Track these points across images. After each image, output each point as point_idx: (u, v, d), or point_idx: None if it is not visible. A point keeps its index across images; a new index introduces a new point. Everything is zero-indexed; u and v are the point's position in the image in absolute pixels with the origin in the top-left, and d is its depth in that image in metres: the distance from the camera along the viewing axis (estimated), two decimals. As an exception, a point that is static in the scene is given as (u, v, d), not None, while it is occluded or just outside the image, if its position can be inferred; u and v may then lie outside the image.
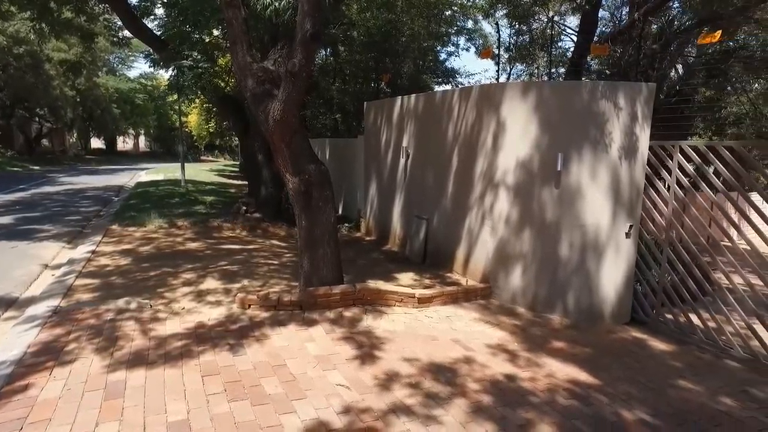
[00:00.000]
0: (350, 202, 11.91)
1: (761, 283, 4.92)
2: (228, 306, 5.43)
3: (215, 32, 11.61)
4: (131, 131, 51.77)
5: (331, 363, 4.19)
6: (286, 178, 5.63)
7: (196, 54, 10.73)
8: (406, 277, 6.85)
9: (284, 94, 5.12)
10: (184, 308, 5.32)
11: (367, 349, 4.43)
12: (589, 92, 5.67)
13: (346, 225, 10.90)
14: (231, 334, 4.66)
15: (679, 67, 13.38)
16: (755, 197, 5.35)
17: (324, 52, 17.45)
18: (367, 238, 9.95)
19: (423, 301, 5.62)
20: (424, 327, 5.10)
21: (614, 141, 5.62)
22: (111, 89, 40.17)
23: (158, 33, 11.46)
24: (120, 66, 48.21)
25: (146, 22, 11.74)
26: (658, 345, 5.31)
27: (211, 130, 29.54)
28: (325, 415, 3.38)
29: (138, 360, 4.05)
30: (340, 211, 12.41)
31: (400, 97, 8.82)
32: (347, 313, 5.25)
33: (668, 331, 5.60)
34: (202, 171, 27.94)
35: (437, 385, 3.84)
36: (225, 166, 39.00)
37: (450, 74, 18.27)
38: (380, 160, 9.51)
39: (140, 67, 76.19)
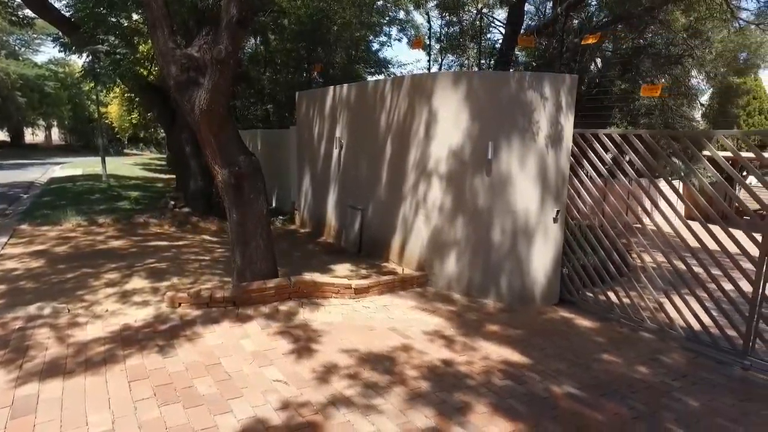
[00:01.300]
0: (284, 195, 11.66)
1: (666, 262, 5.33)
2: (156, 306, 5.14)
3: (135, 16, 10.86)
4: (41, 122, 47.47)
5: (267, 359, 4.08)
6: (215, 170, 5.39)
7: (113, 39, 9.98)
8: (343, 269, 6.81)
9: (210, 83, 4.88)
10: (107, 310, 4.99)
11: (304, 343, 4.36)
12: (517, 82, 5.85)
13: (281, 218, 10.67)
14: (160, 335, 4.42)
15: (598, 61, 14.17)
16: (664, 184, 5.77)
17: (254, 40, 16.89)
18: (302, 231, 9.80)
19: (360, 292, 5.61)
20: (361, 317, 5.09)
21: (541, 129, 5.85)
22: (14, 75, 36.51)
23: (67, 13, 10.53)
24: (24, 50, 43.93)
25: (52, 1, 10.76)
26: (584, 323, 5.62)
27: (134, 121, 27.77)
28: (263, 412, 3.29)
29: (53, 370, 3.73)
30: (273, 204, 12.14)
31: (332, 87, 8.71)
32: (283, 307, 5.14)
33: (592, 310, 5.95)
34: (126, 165, 26.30)
35: (376, 375, 3.84)
36: (151, 159, 36.91)
37: (383, 64, 18.27)
38: (313, 151, 9.37)
39: (49, 51, 70.10)
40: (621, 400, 3.84)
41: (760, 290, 4.62)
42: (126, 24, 10.59)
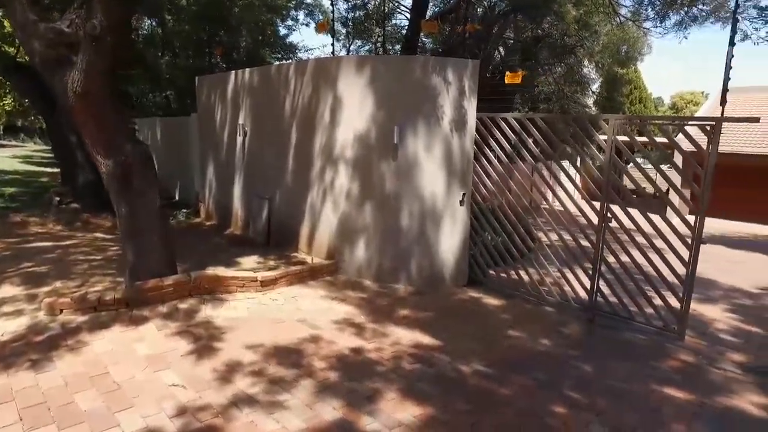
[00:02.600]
0: (187, 186, 10.96)
1: (569, 238, 5.65)
2: (32, 315, 4.57)
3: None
4: None
5: (164, 362, 3.76)
6: (98, 160, 4.86)
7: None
8: (250, 261, 6.51)
9: (85, 62, 4.35)
10: (-32, 324, 4.34)
11: (206, 342, 4.08)
12: (421, 67, 5.85)
13: (184, 211, 10.02)
14: (35, 348, 3.92)
15: (502, 49, 14.74)
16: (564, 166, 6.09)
17: (149, 21, 15.66)
18: (208, 223, 9.27)
19: (267, 284, 5.37)
20: (268, 310, 4.88)
21: (446, 114, 5.90)
22: None
23: None
24: None
25: None
26: (492, 301, 5.81)
27: (8, 108, 24.74)
28: (156, 421, 3.01)
29: None
30: (177, 196, 11.39)
31: (234, 71, 8.25)
32: (183, 305, 4.78)
33: (500, 288, 6.16)
34: (2, 158, 23.44)
35: (282, 370, 3.67)
36: (34, 151, 33.22)
37: (289, 49, 17.73)
38: (217, 139, 8.85)
39: None
40: (526, 372, 3.99)
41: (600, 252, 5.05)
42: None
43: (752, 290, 7.10)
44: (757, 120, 4.75)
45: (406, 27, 12.42)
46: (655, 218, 5.01)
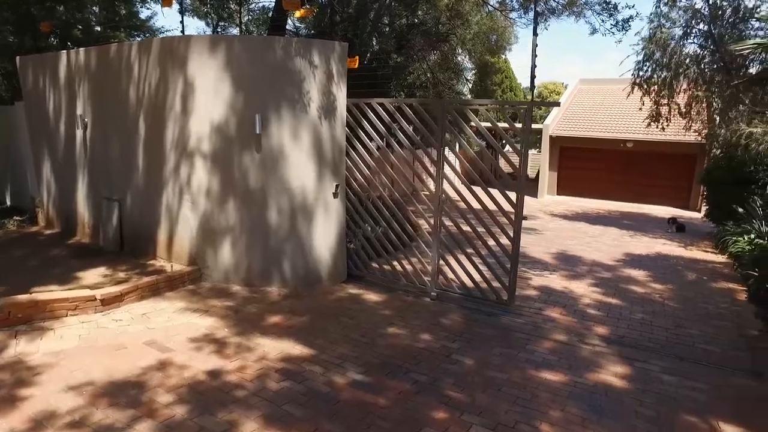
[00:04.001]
0: (21, 189, 9.26)
1: (451, 224, 5.54)
2: None
3: None
4: None
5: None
6: None
7: None
8: (94, 275, 5.52)
9: None
10: None
11: (8, 391, 3.20)
12: (283, 49, 5.32)
13: (16, 218, 8.43)
14: None
15: (376, 36, 14.56)
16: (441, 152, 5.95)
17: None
18: (48, 232, 7.88)
19: (109, 302, 4.53)
20: (108, 335, 4.08)
21: (313, 100, 5.44)
22: None
23: None
24: None
25: None
26: (372, 297, 5.52)
27: None
28: None
29: None
30: (8, 202, 9.63)
31: (66, 51, 7.02)
32: (-15, 343, 3.82)
33: (380, 282, 5.90)
34: None
35: (114, 413, 2.99)
36: None
37: (141, 29, 15.85)
38: (51, 133, 7.50)
39: None
40: (405, 375, 3.73)
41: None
42: None
43: (610, 263, 7.66)
44: (557, 104, 5.81)
45: (272, 8, 11.66)
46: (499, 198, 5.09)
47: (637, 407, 3.44)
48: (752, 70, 9.55)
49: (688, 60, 10.35)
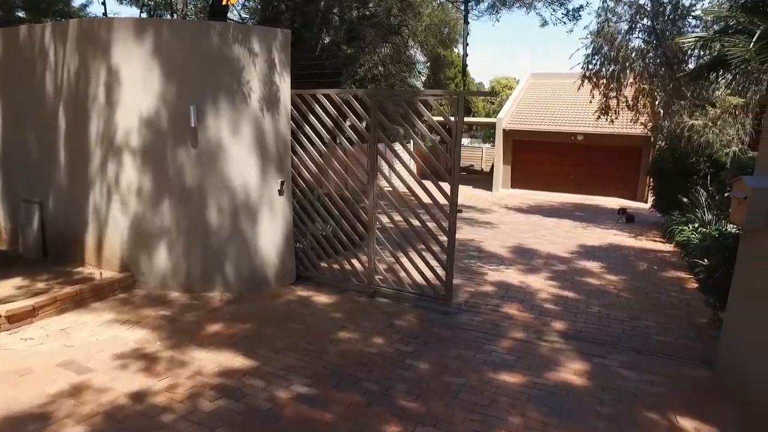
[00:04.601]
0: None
1: (398, 219, 5.31)
2: None
3: None
4: None
5: None
6: None
7: None
8: (8, 286, 4.91)
9: None
10: None
11: None
12: (220, 34, 4.91)
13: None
14: None
15: (326, 28, 14.15)
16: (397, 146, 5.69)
17: None
18: (-38, 239, 7.12)
19: (19, 318, 4.01)
20: (12, 358, 3.57)
21: (254, 90, 5.06)
22: None
23: None
24: None
25: None
26: (322, 299, 5.21)
27: None
28: None
29: None
30: None
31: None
32: None
33: (331, 282, 5.60)
34: None
35: (11, 453, 2.58)
36: None
37: (70, 15, 14.74)
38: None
39: None
40: (355, 385, 3.46)
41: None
42: None
43: (565, 255, 7.64)
44: (492, 94, 5.94)
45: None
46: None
47: (598, 406, 3.31)
48: (691, 65, 9.84)
49: (634, 54, 10.52)
